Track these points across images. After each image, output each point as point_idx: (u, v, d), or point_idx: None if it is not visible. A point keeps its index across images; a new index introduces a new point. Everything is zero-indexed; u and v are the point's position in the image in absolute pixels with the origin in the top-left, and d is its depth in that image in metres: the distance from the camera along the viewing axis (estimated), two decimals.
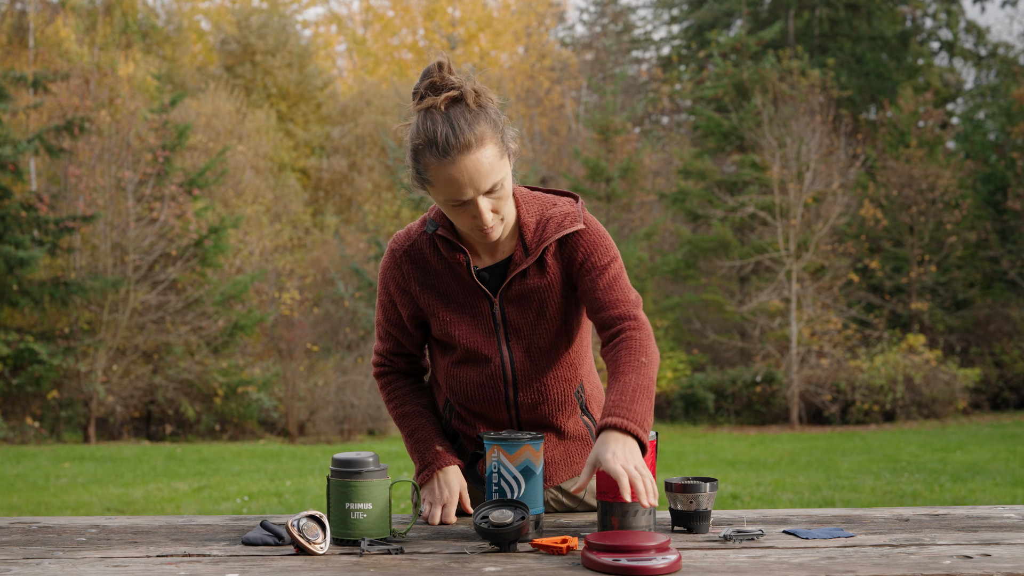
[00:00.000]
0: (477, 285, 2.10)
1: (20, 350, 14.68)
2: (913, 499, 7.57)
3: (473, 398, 2.18)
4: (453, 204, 1.97)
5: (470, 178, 1.92)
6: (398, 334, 2.24)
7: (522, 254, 2.08)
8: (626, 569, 1.60)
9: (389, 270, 2.18)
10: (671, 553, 1.65)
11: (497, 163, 1.95)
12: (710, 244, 19.29)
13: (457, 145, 1.91)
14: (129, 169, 16.01)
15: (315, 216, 24.51)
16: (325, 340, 18.61)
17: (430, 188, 1.98)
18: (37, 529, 2.04)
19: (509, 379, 2.14)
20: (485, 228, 1.98)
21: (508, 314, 2.12)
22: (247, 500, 7.91)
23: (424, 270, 2.14)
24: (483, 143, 1.93)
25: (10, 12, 21.64)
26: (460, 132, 1.92)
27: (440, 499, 2.12)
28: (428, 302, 2.15)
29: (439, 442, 2.20)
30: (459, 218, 2.00)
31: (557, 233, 2.07)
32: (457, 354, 2.16)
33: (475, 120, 1.94)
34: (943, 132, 20.68)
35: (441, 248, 2.11)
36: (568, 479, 2.25)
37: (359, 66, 30.86)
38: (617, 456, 1.83)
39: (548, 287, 2.10)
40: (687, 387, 17.57)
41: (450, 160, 1.91)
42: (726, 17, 26.46)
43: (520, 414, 2.18)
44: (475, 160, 1.92)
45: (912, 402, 16.80)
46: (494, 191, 1.96)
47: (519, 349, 2.13)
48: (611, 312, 2.07)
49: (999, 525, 1.98)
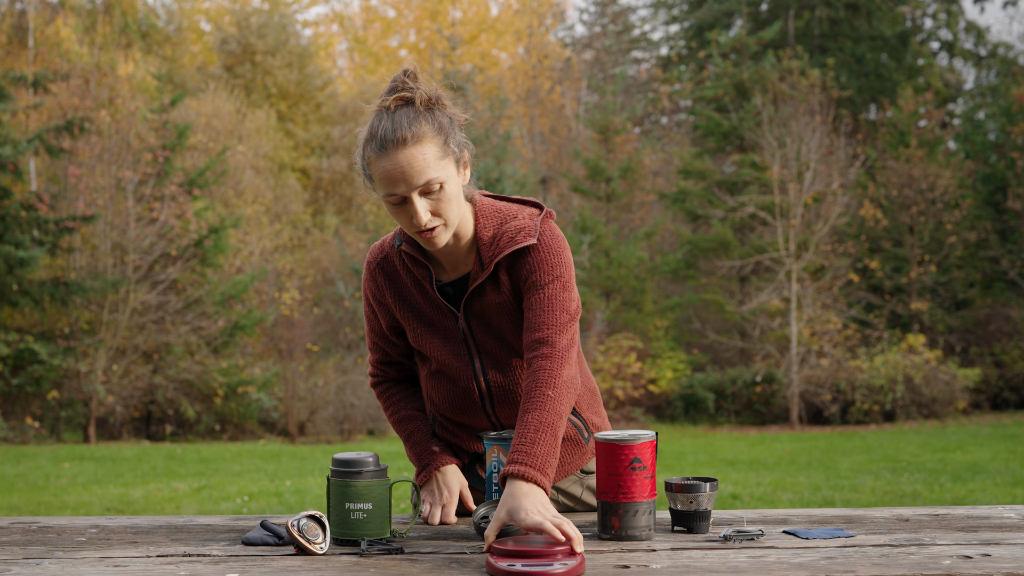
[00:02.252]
0: (440, 301, 2.11)
1: (20, 350, 14.68)
2: (913, 499, 7.57)
3: (452, 409, 2.19)
4: (392, 202, 1.98)
5: (403, 173, 1.94)
6: (384, 344, 2.27)
7: (478, 269, 2.08)
8: (522, 575, 1.60)
9: (367, 282, 2.21)
10: (572, 558, 1.64)
11: (435, 162, 1.96)
12: (710, 244, 19.28)
13: (394, 139, 1.95)
14: (129, 169, 16.01)
15: (315, 216, 24.51)
16: (325, 340, 18.61)
17: (375, 185, 2.01)
18: (37, 529, 2.04)
19: (484, 392, 2.14)
20: (421, 228, 1.98)
21: (475, 330, 2.12)
22: (247, 500, 7.91)
23: (395, 283, 2.16)
24: (420, 141, 1.95)
25: (10, 12, 21.64)
26: (398, 128, 1.96)
27: (440, 499, 2.13)
28: (402, 315, 2.17)
29: (435, 442, 2.22)
30: (400, 219, 2.00)
31: (509, 247, 2.05)
32: (431, 365, 2.18)
33: (416, 119, 1.96)
34: (943, 132, 20.67)
35: (408, 262, 2.13)
36: (561, 479, 2.24)
37: (359, 66, 30.86)
38: (530, 512, 1.81)
39: (503, 304, 2.09)
40: (687, 387, 17.57)
41: (385, 154, 1.95)
42: (726, 17, 26.45)
43: (503, 424, 2.18)
44: (409, 155, 1.94)
45: (912, 402, 16.80)
46: (431, 191, 1.96)
47: (489, 363, 2.13)
48: (532, 335, 2.03)
49: (999, 525, 1.98)
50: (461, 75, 18.71)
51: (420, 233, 2.00)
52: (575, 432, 2.23)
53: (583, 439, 2.24)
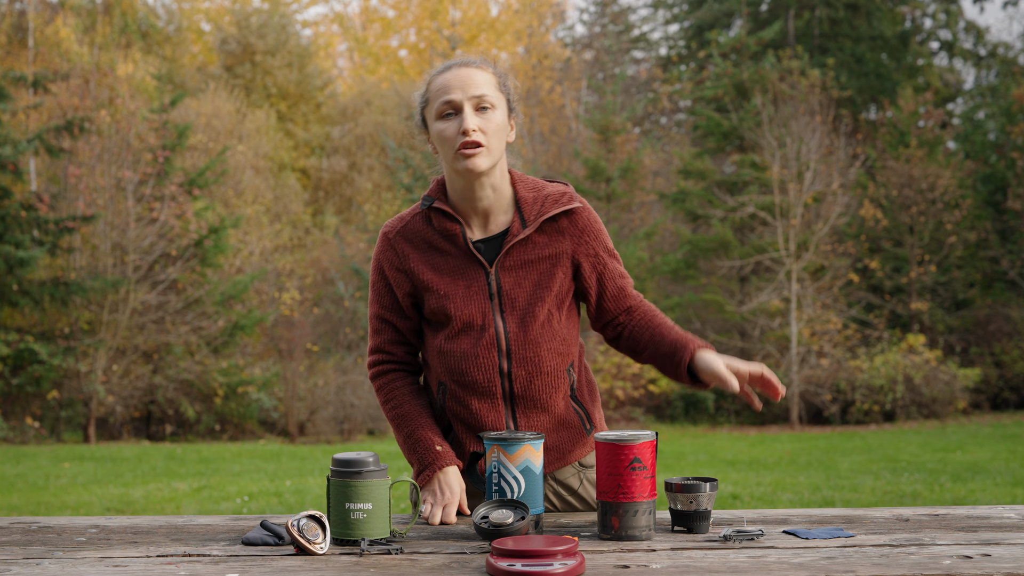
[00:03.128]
0: (473, 254, 2.16)
1: (20, 350, 14.68)
2: (913, 499, 7.57)
3: (467, 370, 2.18)
4: (442, 113, 2.12)
5: (461, 82, 2.11)
6: (395, 318, 2.26)
7: (519, 226, 2.17)
8: (521, 575, 1.60)
9: (384, 252, 2.24)
10: (572, 558, 1.64)
11: (491, 89, 2.14)
12: (710, 244, 19.28)
13: (459, 62, 2.16)
14: (129, 169, 16.01)
15: (315, 216, 24.51)
16: (325, 340, 18.60)
17: (426, 111, 2.17)
18: (37, 529, 2.04)
19: (503, 349, 2.17)
20: (468, 137, 2.08)
21: (504, 284, 2.18)
22: (247, 500, 7.92)
23: (418, 247, 2.21)
24: (482, 68, 2.16)
25: (10, 12, 21.64)
26: (465, 56, 2.19)
27: (441, 499, 2.13)
28: (424, 277, 2.19)
29: (439, 442, 2.20)
30: (447, 133, 2.12)
31: (555, 207, 2.17)
32: (451, 328, 2.19)
33: (482, 59, 2.19)
34: (943, 132, 20.66)
35: (436, 221, 2.19)
36: (560, 467, 2.25)
37: (359, 66, 30.86)
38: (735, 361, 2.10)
39: (548, 258, 2.19)
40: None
41: (448, 70, 2.15)
42: (726, 17, 26.45)
43: (514, 387, 2.19)
44: (469, 71, 2.14)
45: (912, 402, 16.80)
46: (483, 108, 2.12)
47: (513, 320, 2.18)
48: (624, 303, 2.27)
49: (999, 525, 1.98)
50: None
51: (462, 149, 2.10)
52: (578, 421, 2.26)
53: (585, 430, 2.28)
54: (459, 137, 2.09)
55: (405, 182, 18.07)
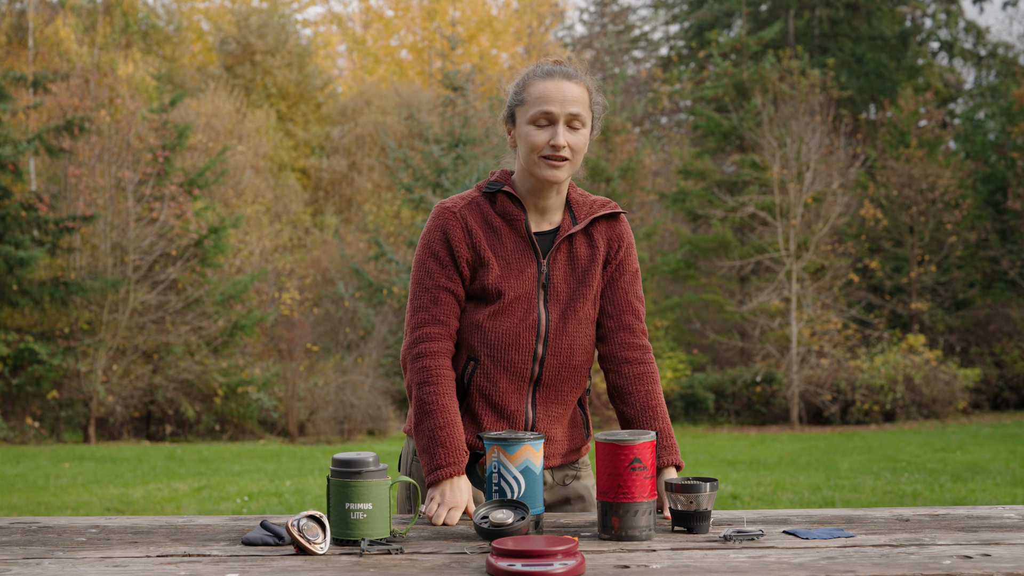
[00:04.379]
0: (531, 241, 2.28)
1: (20, 350, 14.67)
2: (913, 499, 7.57)
3: (504, 347, 2.25)
4: (536, 120, 2.21)
5: (562, 96, 2.21)
6: (445, 296, 2.27)
7: (570, 223, 2.31)
8: (522, 575, 1.60)
9: (449, 224, 2.28)
10: (572, 558, 1.64)
11: (584, 108, 2.24)
12: (710, 244, 19.28)
13: (562, 71, 2.25)
14: (129, 169, 16.01)
15: (315, 216, 24.50)
16: (325, 340, 18.59)
17: (519, 110, 2.26)
18: (37, 529, 2.04)
19: (541, 334, 2.26)
20: (558, 149, 2.20)
21: (552, 276, 2.27)
22: (247, 500, 7.92)
23: (481, 225, 2.29)
24: (581, 84, 2.25)
25: (10, 12, 21.64)
26: (567, 66, 2.28)
27: (449, 501, 2.12)
28: (485, 254, 2.27)
29: (465, 450, 2.19)
30: (537, 137, 2.21)
31: (602, 210, 2.33)
32: (497, 306, 2.25)
33: (582, 72, 2.29)
34: (943, 132, 20.66)
35: (500, 205, 2.29)
36: (572, 460, 2.36)
37: (359, 66, 30.85)
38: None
39: (591, 258, 2.31)
40: (687, 387, 17.56)
41: (551, 78, 2.24)
42: (726, 17, 26.44)
43: (543, 374, 2.27)
44: (569, 86, 2.23)
45: (912, 402, 16.80)
46: (575, 125, 2.23)
47: (556, 310, 2.28)
48: (626, 318, 2.33)
49: (999, 525, 1.98)
50: (461, 75, 18.72)
51: (550, 158, 2.21)
52: (581, 424, 2.38)
53: (584, 435, 2.40)
54: (548, 148, 2.20)
55: (405, 182, 18.06)
